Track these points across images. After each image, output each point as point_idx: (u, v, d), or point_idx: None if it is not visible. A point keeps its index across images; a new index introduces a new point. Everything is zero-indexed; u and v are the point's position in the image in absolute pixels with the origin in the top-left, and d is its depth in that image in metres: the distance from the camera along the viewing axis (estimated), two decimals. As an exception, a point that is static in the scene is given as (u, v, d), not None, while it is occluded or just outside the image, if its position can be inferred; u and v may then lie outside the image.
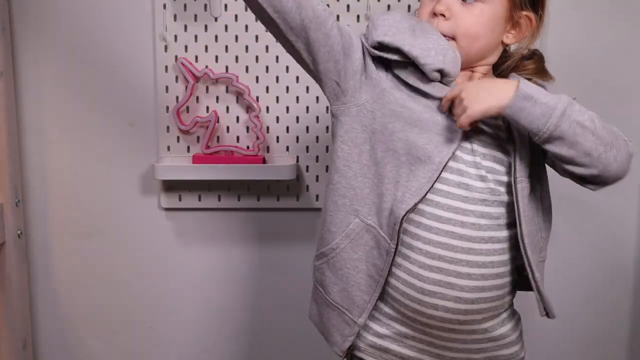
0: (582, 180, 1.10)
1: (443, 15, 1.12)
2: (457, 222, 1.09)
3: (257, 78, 1.64)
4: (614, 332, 1.79)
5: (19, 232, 1.63)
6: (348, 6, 1.61)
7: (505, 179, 1.12)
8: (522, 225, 1.09)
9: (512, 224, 1.11)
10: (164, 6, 1.61)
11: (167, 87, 1.64)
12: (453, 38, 1.12)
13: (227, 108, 1.65)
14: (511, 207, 1.10)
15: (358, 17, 1.60)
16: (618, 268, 1.76)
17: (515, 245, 1.12)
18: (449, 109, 1.10)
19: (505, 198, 1.11)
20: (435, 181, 1.08)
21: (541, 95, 1.03)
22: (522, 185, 1.10)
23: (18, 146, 1.64)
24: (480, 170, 1.11)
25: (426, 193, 1.08)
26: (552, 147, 1.05)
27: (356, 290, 1.15)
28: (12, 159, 1.61)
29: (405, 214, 1.08)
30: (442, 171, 1.09)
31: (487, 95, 1.05)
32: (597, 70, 1.67)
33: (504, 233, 1.11)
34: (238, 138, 1.66)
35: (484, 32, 1.13)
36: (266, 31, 1.62)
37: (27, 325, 1.69)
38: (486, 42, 1.14)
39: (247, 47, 1.62)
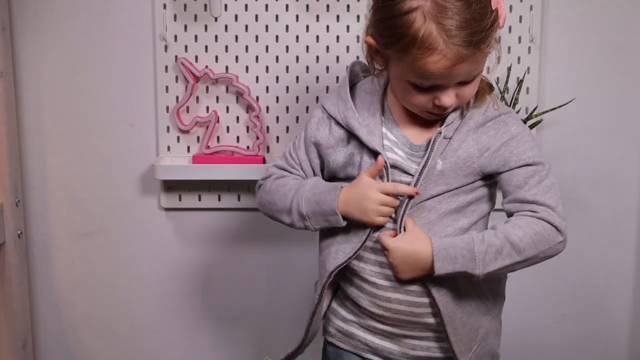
0: None
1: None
2: None
3: (257, 78, 1.64)
4: (614, 332, 1.79)
5: (19, 232, 1.63)
6: (348, 6, 1.61)
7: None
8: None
9: None
10: (164, 6, 1.61)
11: (167, 87, 1.64)
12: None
13: (227, 108, 1.65)
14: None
15: (358, 17, 1.61)
16: (618, 268, 1.76)
17: None
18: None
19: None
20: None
21: (458, 259, 1.09)
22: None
23: (18, 146, 1.64)
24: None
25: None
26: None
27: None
28: (12, 159, 1.61)
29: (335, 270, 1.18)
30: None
31: (412, 271, 1.12)
32: (597, 69, 1.67)
33: None
34: (238, 138, 1.66)
35: (476, 89, 1.13)
36: (266, 31, 1.63)
37: (27, 325, 1.69)
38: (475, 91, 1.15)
39: (247, 47, 1.63)
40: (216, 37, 1.62)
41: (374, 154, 1.15)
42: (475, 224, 1.16)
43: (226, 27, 1.62)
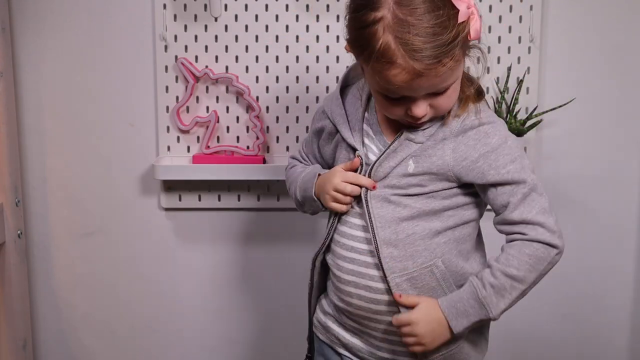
0: None
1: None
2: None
3: (257, 78, 1.64)
4: (614, 332, 1.79)
5: (19, 232, 1.63)
6: (348, 6, 1.61)
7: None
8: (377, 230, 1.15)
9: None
10: (164, 6, 1.61)
11: (167, 87, 1.64)
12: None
13: (227, 108, 1.65)
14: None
15: (358, 17, 1.61)
16: (618, 268, 1.76)
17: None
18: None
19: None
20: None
21: (469, 311, 1.11)
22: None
23: (18, 146, 1.65)
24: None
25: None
26: None
27: None
28: (12, 159, 1.61)
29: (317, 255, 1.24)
30: None
31: (439, 337, 1.12)
32: (597, 69, 1.67)
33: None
34: (238, 138, 1.66)
35: (455, 100, 1.12)
36: (266, 31, 1.63)
37: (27, 325, 1.69)
38: (455, 102, 1.13)
39: (247, 47, 1.63)
40: (216, 37, 1.62)
41: (352, 149, 1.18)
42: (451, 229, 1.15)
43: (226, 27, 1.62)
